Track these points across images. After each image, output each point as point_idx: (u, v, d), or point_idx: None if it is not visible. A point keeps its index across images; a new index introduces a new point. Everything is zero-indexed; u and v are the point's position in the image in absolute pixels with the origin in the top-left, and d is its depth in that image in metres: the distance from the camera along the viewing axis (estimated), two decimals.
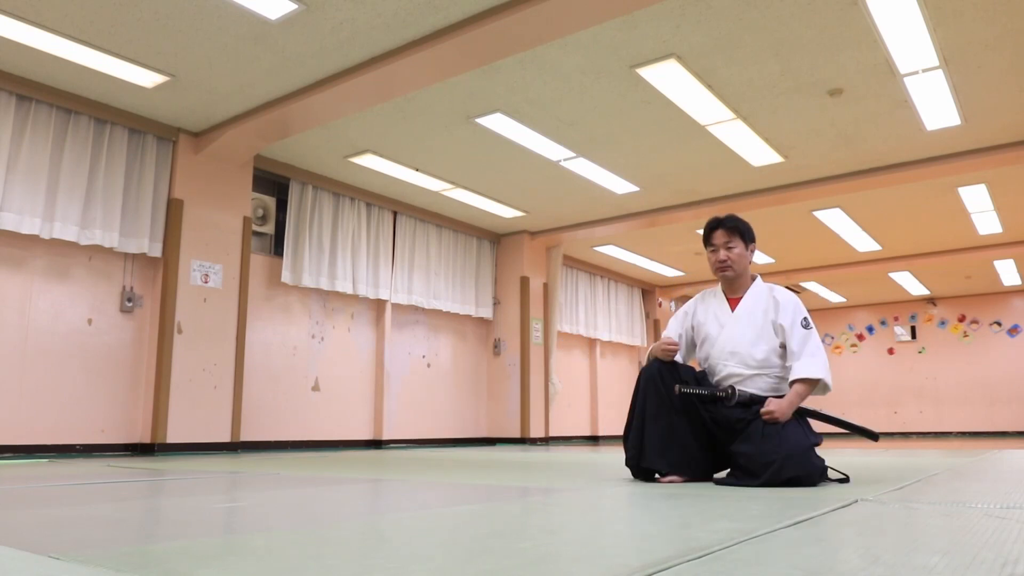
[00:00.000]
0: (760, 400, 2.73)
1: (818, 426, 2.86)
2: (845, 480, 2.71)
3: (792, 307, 2.84)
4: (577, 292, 11.27)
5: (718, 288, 3.05)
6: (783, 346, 2.82)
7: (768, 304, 2.88)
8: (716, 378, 2.89)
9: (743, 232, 2.95)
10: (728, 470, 2.75)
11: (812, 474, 2.56)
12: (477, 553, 1.24)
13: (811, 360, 2.73)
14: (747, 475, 2.58)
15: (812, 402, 2.84)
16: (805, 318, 2.83)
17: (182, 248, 6.14)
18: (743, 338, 2.85)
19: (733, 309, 2.93)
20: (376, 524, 1.71)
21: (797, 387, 2.72)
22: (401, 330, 8.55)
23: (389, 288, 8.21)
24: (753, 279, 2.99)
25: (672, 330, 3.04)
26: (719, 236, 2.95)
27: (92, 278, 5.87)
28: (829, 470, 2.72)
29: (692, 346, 3.03)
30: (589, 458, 5.19)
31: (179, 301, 6.06)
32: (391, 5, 4.47)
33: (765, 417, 2.65)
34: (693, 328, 3.02)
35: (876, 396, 14.61)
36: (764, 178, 7.69)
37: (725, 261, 2.93)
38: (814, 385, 2.74)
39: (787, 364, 2.80)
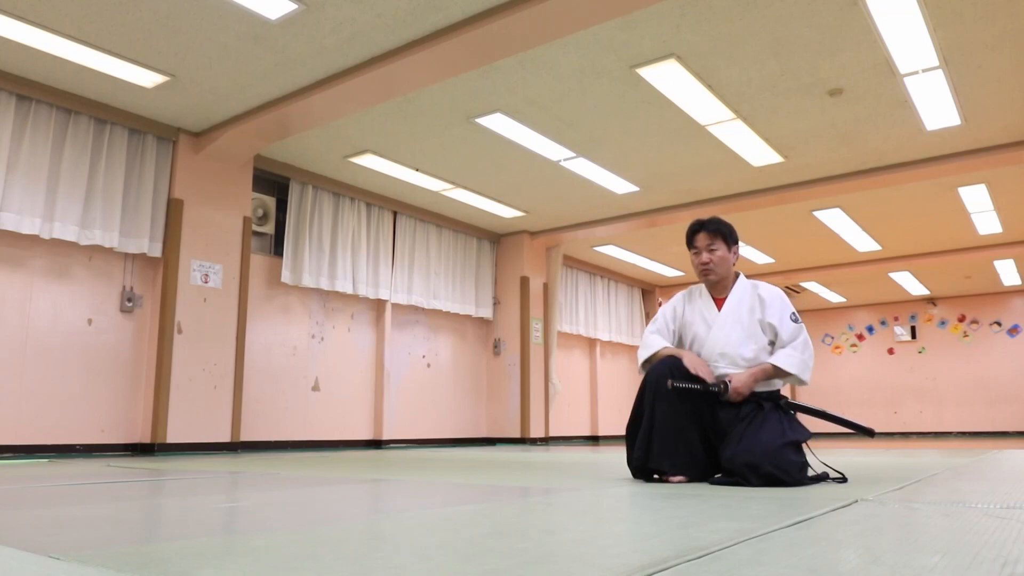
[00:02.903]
0: (755, 397, 2.74)
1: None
2: (843, 480, 2.71)
3: (779, 303, 2.87)
4: (577, 292, 11.27)
5: (703, 287, 3.04)
6: (772, 343, 2.84)
7: (754, 302, 2.89)
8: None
9: (726, 235, 2.95)
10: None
11: (788, 471, 2.53)
12: (477, 553, 1.24)
13: (792, 352, 2.77)
14: (729, 476, 2.61)
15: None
16: (793, 313, 2.87)
17: (182, 248, 6.14)
18: (730, 339, 2.86)
19: (719, 309, 2.94)
20: (376, 524, 1.71)
21: (766, 366, 2.76)
22: (401, 330, 8.55)
23: (389, 288, 8.21)
24: (736, 276, 2.99)
25: (663, 325, 3.02)
26: (701, 239, 2.96)
27: (92, 278, 5.87)
28: (828, 471, 2.72)
29: (680, 344, 3.03)
30: (589, 458, 5.19)
31: (179, 301, 6.06)
32: (391, 5, 4.47)
33: (732, 395, 2.70)
34: (682, 327, 3.02)
35: (876, 396, 14.61)
36: (764, 178, 7.69)
37: (707, 264, 2.93)
38: (784, 375, 2.78)
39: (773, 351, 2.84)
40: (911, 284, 12.96)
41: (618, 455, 5.58)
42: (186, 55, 5.06)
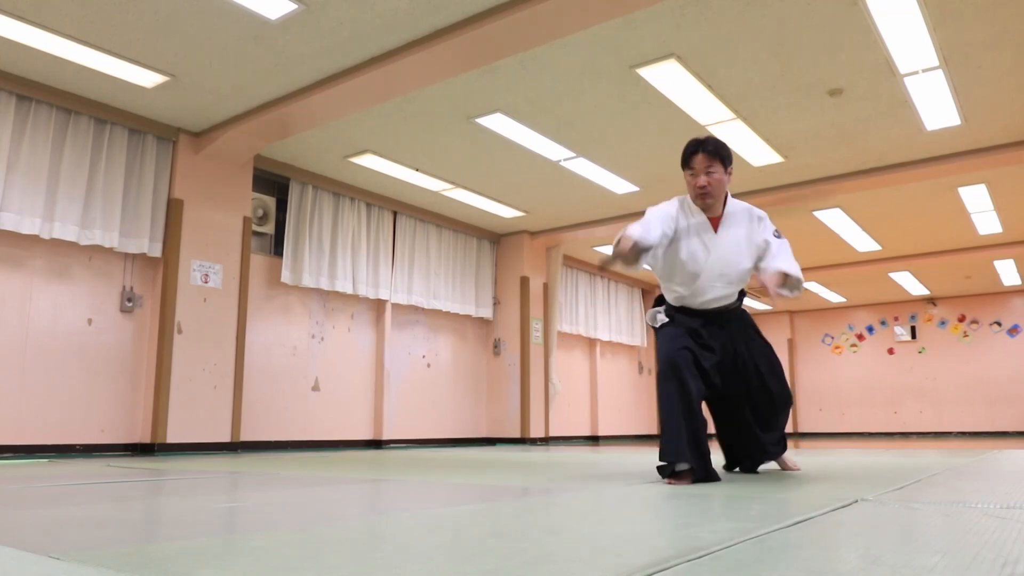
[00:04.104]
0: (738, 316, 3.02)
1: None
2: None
3: (768, 221, 2.97)
4: (577, 292, 11.27)
5: (692, 203, 2.96)
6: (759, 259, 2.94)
7: (752, 223, 2.93)
8: (700, 299, 2.92)
9: (723, 156, 2.90)
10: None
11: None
12: (477, 553, 1.24)
13: (790, 260, 2.87)
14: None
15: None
16: (777, 230, 2.96)
17: (182, 248, 6.14)
18: (728, 260, 2.88)
19: (716, 230, 2.91)
20: (376, 524, 1.71)
21: (778, 270, 2.81)
22: (401, 330, 8.55)
23: (389, 288, 8.21)
24: (727, 196, 2.98)
25: (655, 225, 2.85)
26: (700, 161, 2.88)
27: (92, 278, 5.87)
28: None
29: (671, 257, 2.96)
30: (589, 458, 5.19)
31: (179, 301, 6.06)
32: (391, 5, 4.47)
33: (776, 287, 2.74)
34: (677, 235, 2.92)
35: (876, 396, 14.60)
36: (764, 178, 7.69)
37: (705, 187, 2.86)
38: (787, 280, 2.79)
39: (761, 265, 2.90)
40: (911, 284, 12.96)
41: (618, 455, 5.58)
42: (186, 55, 5.06)
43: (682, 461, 2.66)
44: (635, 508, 1.98)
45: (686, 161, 2.93)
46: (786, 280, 2.76)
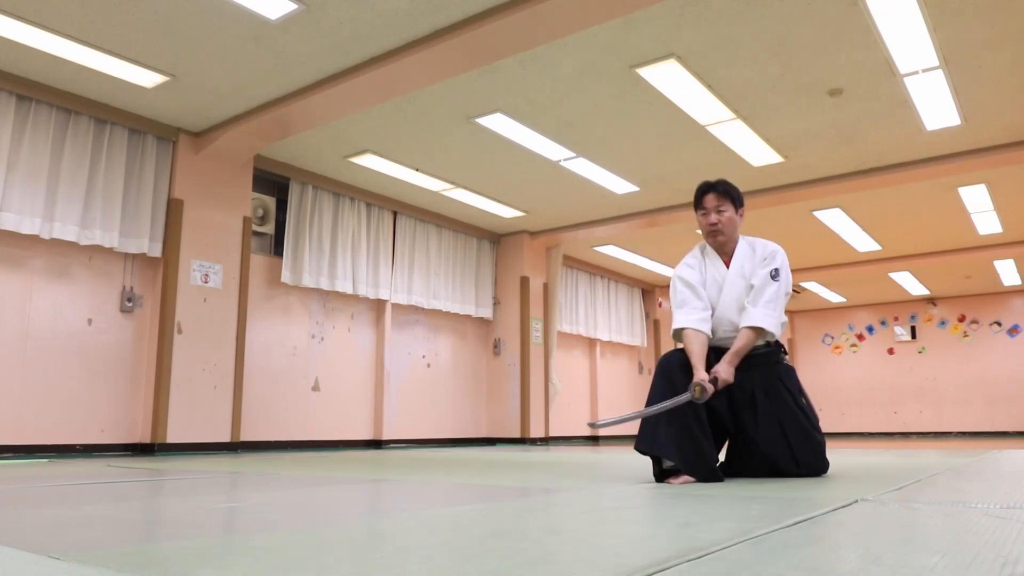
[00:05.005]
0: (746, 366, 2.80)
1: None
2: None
3: (768, 259, 2.91)
4: (577, 292, 11.27)
5: (708, 246, 3.06)
6: None
7: (755, 261, 2.94)
8: (716, 337, 2.92)
9: (734, 197, 3.00)
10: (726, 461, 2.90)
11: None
12: (477, 553, 1.24)
13: (765, 311, 2.80)
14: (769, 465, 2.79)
15: (811, 399, 2.91)
16: (776, 269, 2.87)
17: (182, 248, 6.14)
18: (735, 296, 2.91)
19: (728, 268, 2.99)
20: (376, 524, 1.71)
21: (745, 332, 2.79)
22: (401, 330, 8.55)
23: (389, 288, 8.21)
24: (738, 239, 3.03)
25: (700, 289, 2.94)
26: (710, 200, 2.99)
27: (92, 278, 5.87)
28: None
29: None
30: (589, 458, 5.19)
31: (179, 301, 6.06)
32: (391, 5, 4.48)
33: (719, 384, 2.68)
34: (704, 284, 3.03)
35: (876, 396, 14.61)
36: (764, 178, 7.69)
37: (715, 224, 2.96)
38: (761, 334, 2.81)
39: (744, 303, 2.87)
40: (911, 284, 12.96)
41: (618, 455, 5.58)
42: (186, 55, 5.06)
43: (653, 452, 2.71)
44: (635, 508, 1.98)
45: (698, 201, 3.04)
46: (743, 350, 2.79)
